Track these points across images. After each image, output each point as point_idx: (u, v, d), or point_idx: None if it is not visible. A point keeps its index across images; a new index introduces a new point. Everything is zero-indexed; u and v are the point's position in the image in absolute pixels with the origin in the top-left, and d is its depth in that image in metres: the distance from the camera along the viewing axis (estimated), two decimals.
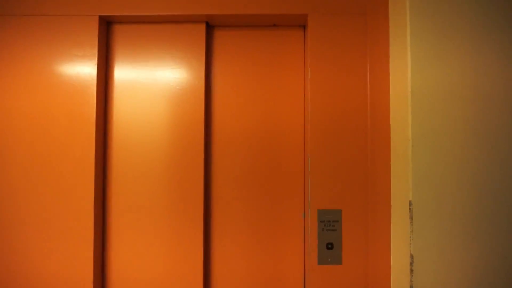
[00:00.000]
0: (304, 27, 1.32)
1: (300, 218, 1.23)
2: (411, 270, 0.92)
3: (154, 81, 1.24)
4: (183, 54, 1.25)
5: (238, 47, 1.29)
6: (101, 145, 1.22)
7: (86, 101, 1.17)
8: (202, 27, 1.24)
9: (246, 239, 1.22)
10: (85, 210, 1.15)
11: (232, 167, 1.25)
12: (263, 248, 1.22)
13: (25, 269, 1.16)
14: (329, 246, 1.10)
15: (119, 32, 1.26)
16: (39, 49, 1.19)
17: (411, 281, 0.91)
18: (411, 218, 0.92)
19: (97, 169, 1.18)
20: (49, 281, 1.16)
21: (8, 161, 1.17)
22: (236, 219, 1.24)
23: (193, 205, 1.19)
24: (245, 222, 1.23)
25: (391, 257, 1.01)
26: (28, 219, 1.16)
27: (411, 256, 0.91)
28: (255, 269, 1.21)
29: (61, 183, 1.16)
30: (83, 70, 1.18)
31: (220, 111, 1.27)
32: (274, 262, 1.22)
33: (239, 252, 1.23)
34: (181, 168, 1.21)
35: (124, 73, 1.26)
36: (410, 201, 0.93)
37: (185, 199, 1.20)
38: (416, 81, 0.94)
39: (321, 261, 1.10)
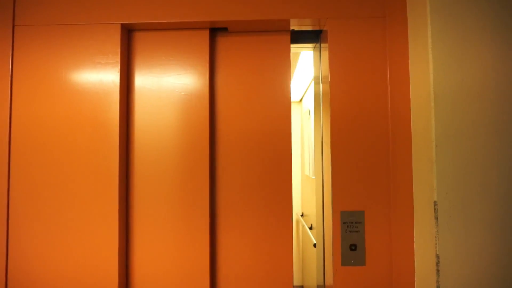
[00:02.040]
0: (318, 32, 1.34)
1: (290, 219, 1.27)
2: (437, 271, 0.92)
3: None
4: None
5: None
6: (124, 150, 1.24)
7: (109, 108, 1.20)
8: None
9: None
10: (110, 211, 1.17)
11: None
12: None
13: (57, 263, 1.19)
14: (353, 247, 1.11)
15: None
16: (63, 58, 1.22)
17: (437, 281, 0.92)
18: (437, 218, 0.93)
19: (121, 177, 1.20)
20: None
21: (35, 165, 1.20)
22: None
23: (200, 201, 1.23)
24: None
25: (415, 257, 1.01)
26: (56, 219, 1.19)
27: (437, 257, 0.92)
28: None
29: (86, 186, 1.19)
30: (106, 77, 1.20)
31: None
32: (269, 255, 1.24)
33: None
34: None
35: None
36: (435, 201, 0.93)
37: (194, 195, 1.22)
38: (439, 82, 0.95)
39: (345, 262, 1.11)
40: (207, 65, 1.25)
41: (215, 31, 1.32)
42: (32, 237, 1.19)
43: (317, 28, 1.29)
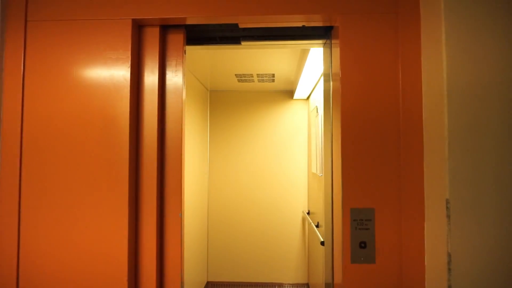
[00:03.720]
0: (329, 28, 1.33)
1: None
2: (449, 270, 0.91)
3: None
4: None
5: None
6: (134, 145, 1.25)
7: (120, 103, 1.20)
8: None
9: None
10: (120, 205, 1.18)
11: None
12: None
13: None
14: (362, 245, 1.10)
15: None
16: (74, 53, 1.22)
17: (449, 280, 0.91)
18: (448, 216, 0.92)
19: (131, 172, 1.21)
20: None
21: (46, 159, 1.21)
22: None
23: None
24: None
25: (426, 256, 1.01)
26: (66, 213, 1.20)
27: (449, 255, 0.91)
28: None
29: (97, 181, 1.20)
30: (117, 72, 1.21)
31: None
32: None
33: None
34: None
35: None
36: (447, 199, 0.93)
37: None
38: (452, 79, 0.94)
39: (354, 260, 1.10)
40: None
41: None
42: (43, 230, 1.20)
43: (327, 24, 1.28)
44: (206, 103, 3.60)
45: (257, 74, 2.89)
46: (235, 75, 2.92)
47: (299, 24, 1.28)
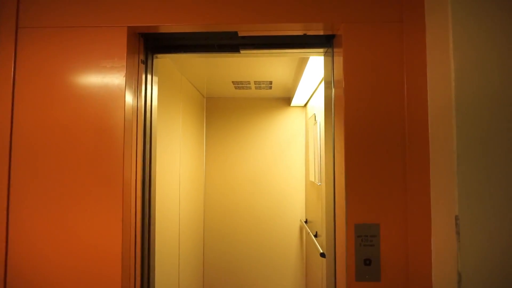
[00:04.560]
0: (330, 37, 1.30)
1: None
2: None
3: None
4: None
5: None
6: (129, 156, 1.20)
7: (115, 114, 1.15)
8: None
9: None
10: (114, 217, 1.13)
11: None
12: None
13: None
14: (367, 262, 1.06)
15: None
16: (67, 61, 1.17)
17: None
18: (458, 233, 0.88)
19: (125, 184, 1.16)
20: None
21: (37, 169, 1.15)
22: None
23: None
24: None
25: (434, 275, 0.97)
26: (60, 220, 1.14)
27: (459, 275, 0.87)
28: None
29: (90, 192, 1.14)
30: (112, 81, 1.16)
31: None
32: None
33: None
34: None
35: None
36: (456, 216, 0.89)
37: None
38: (461, 89, 0.91)
39: (359, 277, 1.06)
40: None
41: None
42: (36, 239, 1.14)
43: (329, 32, 1.25)
44: (202, 110, 3.56)
45: (254, 81, 2.86)
46: (232, 82, 2.88)
47: (300, 33, 1.24)
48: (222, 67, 2.44)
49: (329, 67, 1.35)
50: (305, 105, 3.55)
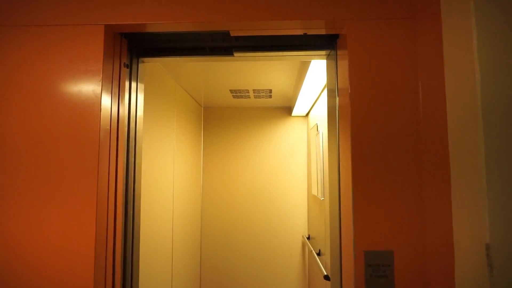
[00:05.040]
0: (334, 37, 1.17)
1: None
2: None
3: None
4: None
5: None
6: (107, 173, 1.06)
7: (89, 122, 1.02)
8: None
9: None
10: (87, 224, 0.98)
11: None
12: None
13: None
14: None
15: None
16: (38, 63, 1.04)
17: None
18: (490, 265, 0.73)
19: (100, 198, 1.01)
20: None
21: (9, 180, 1.01)
22: None
23: None
24: None
25: None
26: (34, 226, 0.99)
27: None
28: None
29: (61, 206, 1.00)
30: (87, 87, 1.03)
31: None
32: None
33: None
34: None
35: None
36: (487, 244, 0.73)
37: None
38: (488, 94, 0.77)
39: None
40: None
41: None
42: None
43: (331, 32, 1.11)
44: (200, 120, 3.42)
45: (253, 90, 2.73)
46: (230, 90, 2.76)
47: (300, 32, 1.11)
48: (218, 74, 2.31)
49: (333, 72, 1.21)
50: (307, 114, 3.42)
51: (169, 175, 2.25)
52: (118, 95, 1.15)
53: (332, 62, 1.23)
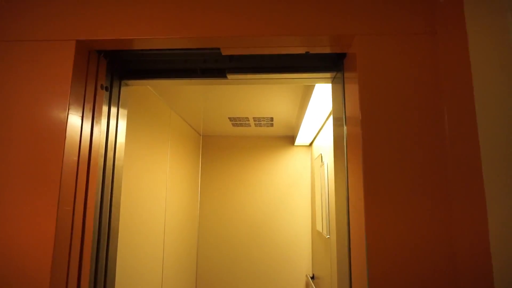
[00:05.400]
0: (340, 57, 1.03)
1: None
2: None
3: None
4: None
5: None
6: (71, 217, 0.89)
7: (51, 153, 0.86)
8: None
9: None
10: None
11: None
12: None
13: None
14: None
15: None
16: (11, 80, 0.90)
17: None
18: None
19: (59, 240, 0.83)
20: None
21: None
22: None
23: None
24: None
25: None
26: None
27: None
28: None
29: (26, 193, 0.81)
30: (51, 111, 0.88)
31: None
32: None
33: None
34: None
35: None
36: None
37: None
38: None
39: None
40: None
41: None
42: None
43: (337, 50, 0.97)
44: (198, 150, 3.27)
45: (253, 118, 2.59)
46: (229, 118, 2.62)
47: (301, 50, 0.97)
48: (215, 100, 2.18)
49: (339, 98, 1.06)
50: (311, 144, 3.25)
51: (160, 210, 2.06)
52: (92, 122, 1.00)
53: (338, 87, 1.08)
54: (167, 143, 2.21)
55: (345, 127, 1.00)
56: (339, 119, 1.06)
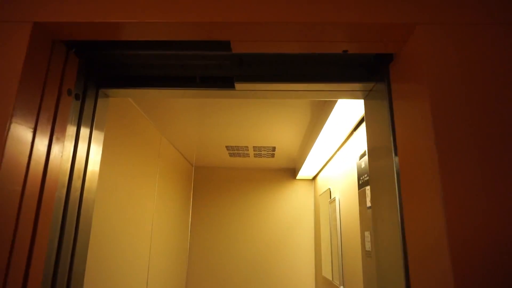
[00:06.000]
0: (383, 60, 0.79)
1: None
2: None
3: None
4: None
5: None
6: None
7: None
8: None
9: None
10: None
11: None
12: None
13: None
14: None
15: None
16: None
17: None
18: None
19: None
20: None
21: None
22: None
23: None
24: None
25: None
26: None
27: None
28: None
29: None
30: None
31: None
32: None
33: None
34: None
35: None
36: None
37: None
38: None
39: None
40: None
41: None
42: None
43: (385, 50, 0.74)
44: (190, 182, 2.96)
45: (253, 147, 2.34)
46: (226, 147, 2.36)
47: (338, 48, 0.73)
48: (212, 127, 1.93)
49: (381, 119, 0.81)
50: (314, 177, 2.99)
51: (144, 251, 1.73)
52: (50, 138, 0.73)
53: (377, 103, 0.84)
54: (155, 175, 1.92)
55: (394, 158, 0.74)
56: (382, 148, 0.80)
